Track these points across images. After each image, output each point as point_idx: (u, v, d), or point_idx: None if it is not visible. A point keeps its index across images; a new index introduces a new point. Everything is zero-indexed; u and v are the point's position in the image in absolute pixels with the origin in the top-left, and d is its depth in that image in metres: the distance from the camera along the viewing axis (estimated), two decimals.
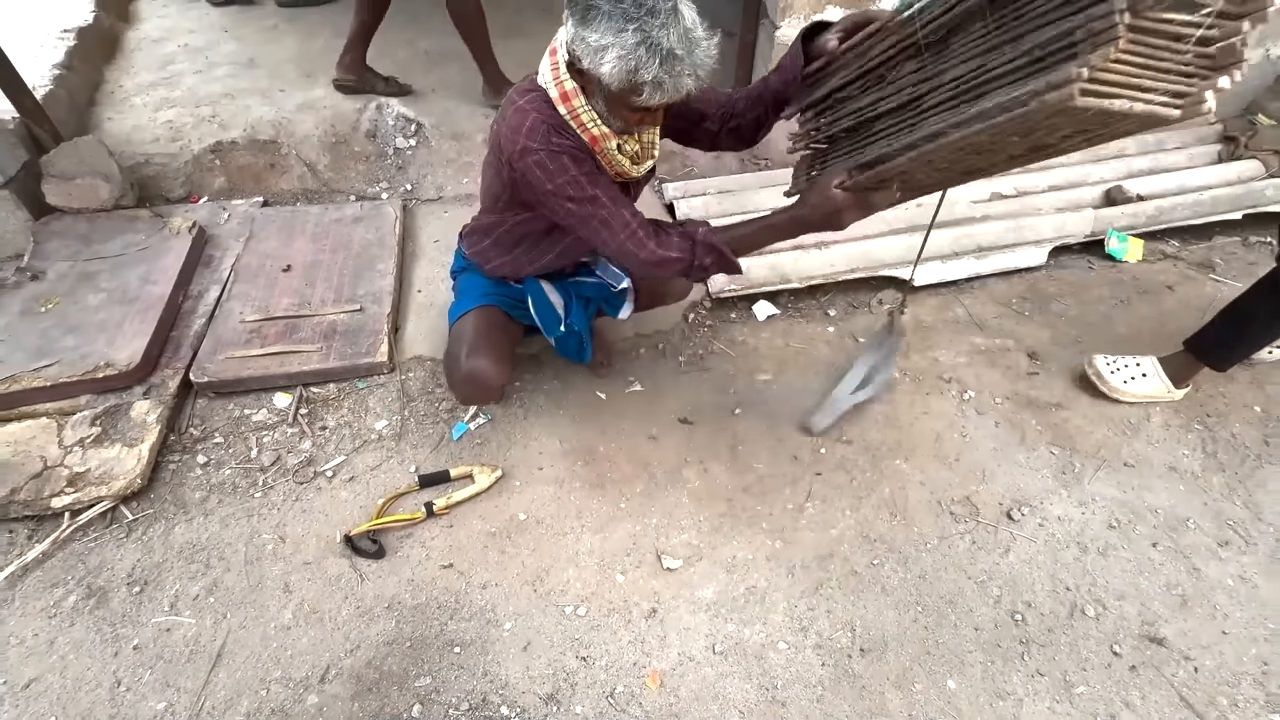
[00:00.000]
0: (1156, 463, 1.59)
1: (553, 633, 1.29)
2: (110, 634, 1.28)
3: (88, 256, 1.99)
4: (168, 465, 1.57)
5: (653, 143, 1.34)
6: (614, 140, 1.24)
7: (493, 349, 1.47)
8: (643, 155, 1.34)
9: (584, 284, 1.62)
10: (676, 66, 1.01)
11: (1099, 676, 1.24)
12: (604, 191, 1.24)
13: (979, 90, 0.94)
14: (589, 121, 1.20)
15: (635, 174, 1.34)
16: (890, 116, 1.08)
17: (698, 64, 1.04)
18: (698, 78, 1.06)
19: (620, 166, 1.29)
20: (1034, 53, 0.87)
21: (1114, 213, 2.35)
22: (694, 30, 1.03)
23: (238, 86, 2.70)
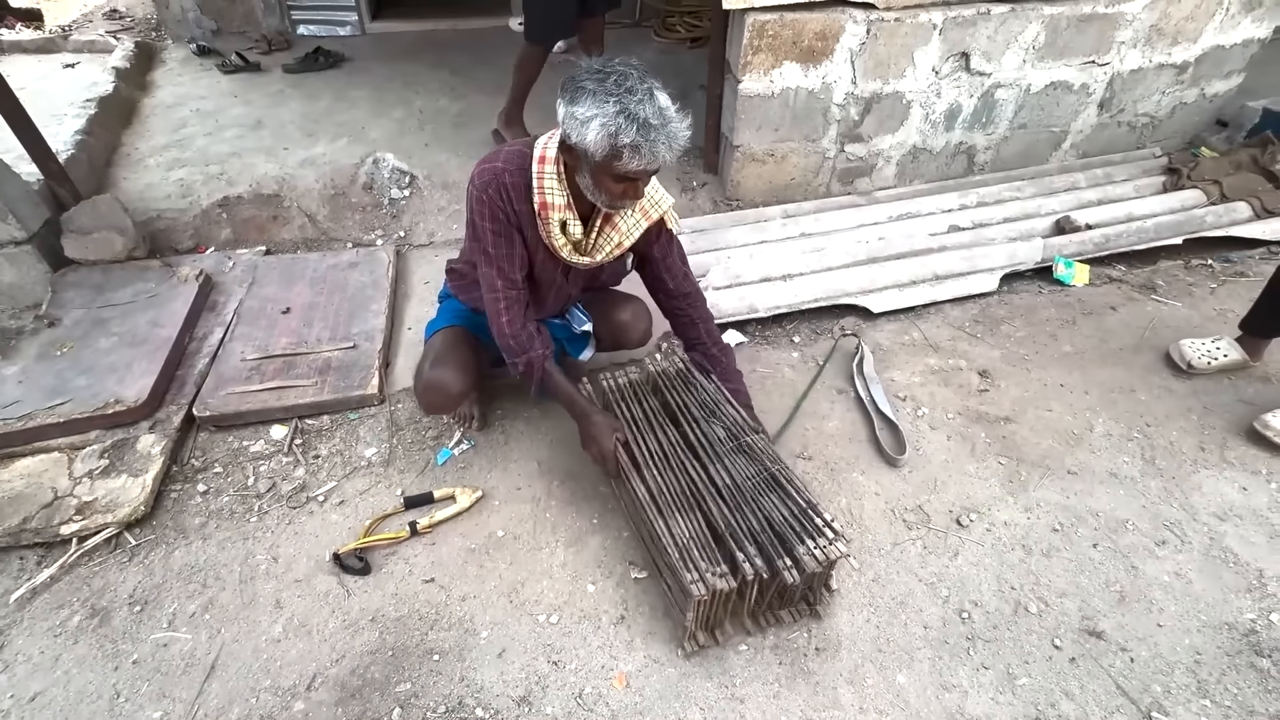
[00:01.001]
0: (1098, 470, 1.69)
1: (526, 640, 1.37)
2: (111, 650, 1.36)
3: (101, 304, 2.14)
4: (170, 494, 1.67)
5: (601, 248, 1.44)
6: (560, 214, 1.37)
7: (454, 361, 1.59)
8: (587, 249, 1.45)
9: (551, 324, 1.74)
10: (652, 134, 1.16)
11: (1040, 669, 1.31)
12: (497, 252, 1.42)
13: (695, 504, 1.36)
14: (547, 188, 1.35)
15: (566, 258, 1.44)
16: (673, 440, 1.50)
17: (672, 136, 1.19)
18: (672, 149, 1.20)
19: (555, 241, 1.41)
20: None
21: (1063, 240, 2.51)
22: (667, 110, 1.19)
23: (244, 146, 2.91)
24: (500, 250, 1.42)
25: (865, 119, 2.67)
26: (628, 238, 1.45)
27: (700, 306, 1.66)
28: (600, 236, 1.45)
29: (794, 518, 1.30)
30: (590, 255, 1.47)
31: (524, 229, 1.43)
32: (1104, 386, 1.92)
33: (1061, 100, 2.83)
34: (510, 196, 1.38)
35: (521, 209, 1.40)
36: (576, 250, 1.46)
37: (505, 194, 1.37)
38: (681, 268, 1.61)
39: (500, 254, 1.42)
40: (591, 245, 1.46)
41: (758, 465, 1.42)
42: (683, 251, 1.61)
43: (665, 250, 1.56)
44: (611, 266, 1.69)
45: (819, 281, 2.33)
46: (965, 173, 2.98)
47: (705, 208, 2.81)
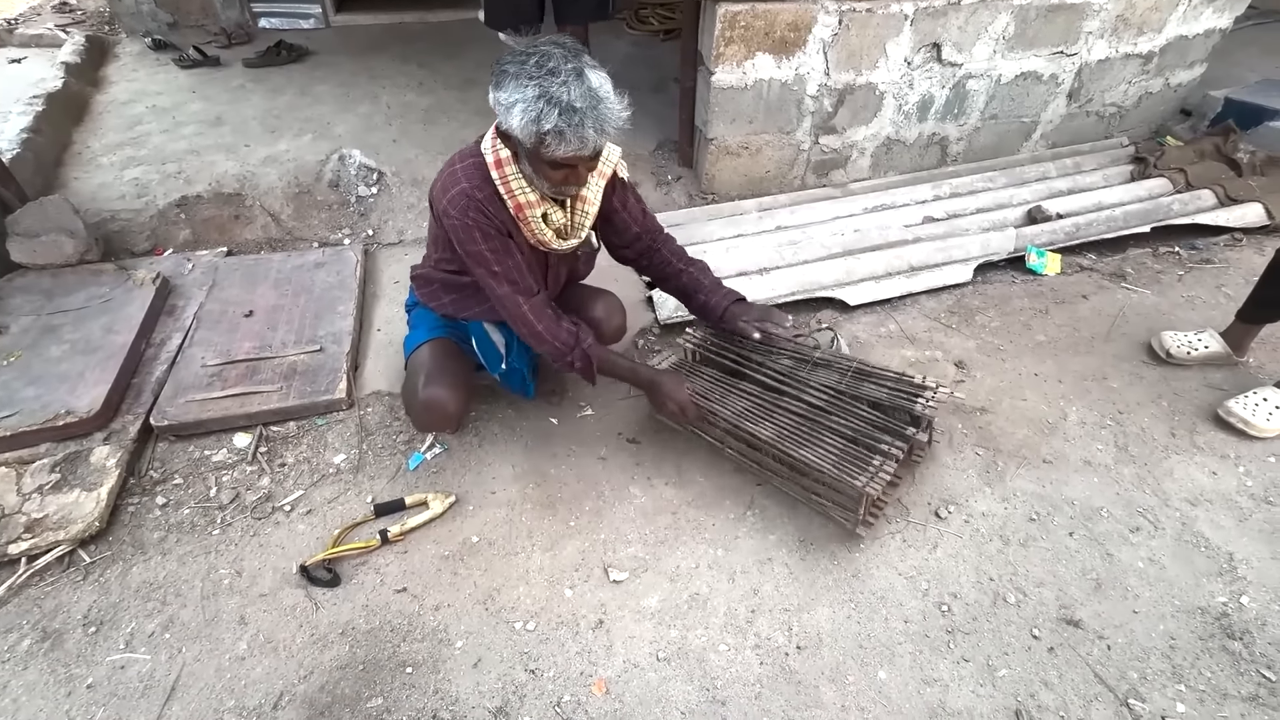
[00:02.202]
0: (1073, 458, 1.70)
1: (502, 648, 1.34)
2: (64, 674, 1.30)
3: (51, 310, 2.04)
4: (127, 508, 1.60)
5: (582, 224, 1.45)
6: (540, 209, 1.35)
7: (448, 377, 1.56)
8: (570, 231, 1.45)
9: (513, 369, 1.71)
10: (576, 118, 1.13)
11: (1020, 659, 1.31)
12: (504, 269, 1.39)
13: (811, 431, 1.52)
14: (516, 189, 1.32)
15: (557, 248, 1.44)
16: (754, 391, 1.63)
17: (602, 118, 1.15)
18: (603, 131, 1.17)
19: (543, 236, 1.40)
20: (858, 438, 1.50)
21: (1035, 230, 2.53)
22: (599, 90, 1.15)
23: (204, 143, 2.81)
24: (506, 264, 1.39)
25: (839, 110, 2.66)
26: (595, 205, 1.45)
27: (664, 237, 1.67)
28: (576, 213, 1.43)
29: (895, 391, 1.56)
30: (575, 235, 1.46)
31: (511, 237, 1.41)
32: (1077, 375, 1.94)
33: (1031, 90, 2.85)
34: (489, 212, 1.35)
35: (502, 218, 1.37)
36: (560, 236, 1.44)
37: (484, 211, 1.35)
38: (639, 207, 1.60)
39: (508, 267, 1.40)
40: (573, 226, 1.44)
41: (837, 370, 1.64)
42: (636, 193, 1.60)
43: (623, 198, 1.54)
44: (587, 256, 1.66)
45: (795, 275, 2.32)
46: (939, 164, 2.99)
47: (680, 202, 2.78)
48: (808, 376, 1.64)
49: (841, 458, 1.46)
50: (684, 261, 1.68)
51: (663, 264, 1.67)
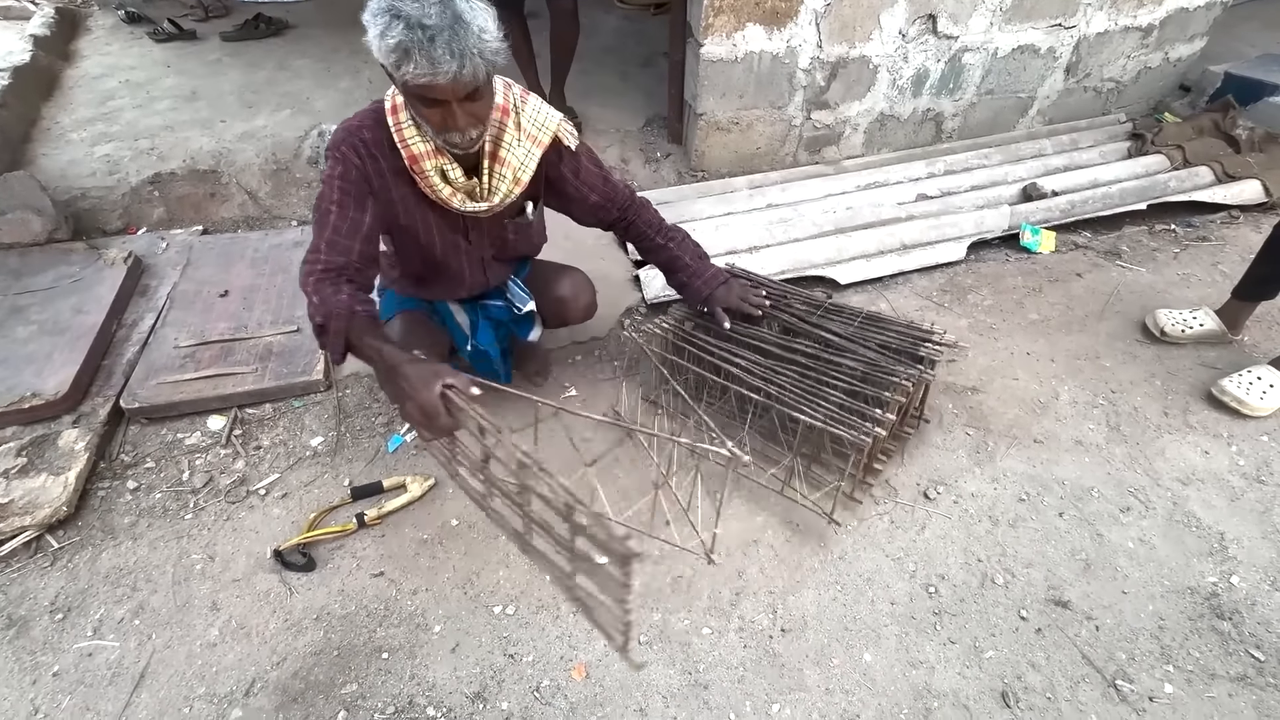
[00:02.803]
0: (1064, 438, 1.67)
1: (481, 633, 1.31)
2: (30, 662, 1.26)
3: (18, 290, 1.98)
4: (96, 492, 1.56)
5: (498, 189, 1.30)
6: (435, 161, 1.23)
7: (419, 346, 1.50)
8: (481, 195, 1.32)
9: (491, 306, 1.64)
10: (424, 35, 0.98)
11: (1007, 640, 1.29)
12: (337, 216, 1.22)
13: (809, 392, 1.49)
14: (410, 138, 1.22)
15: (460, 207, 1.31)
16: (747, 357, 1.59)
17: (461, 42, 1.01)
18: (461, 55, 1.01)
19: (441, 192, 1.28)
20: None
21: (1030, 208, 2.48)
22: (462, 13, 1.01)
23: (178, 119, 2.73)
24: (343, 214, 1.22)
25: (832, 85, 2.59)
26: (523, 171, 1.32)
27: (637, 207, 1.55)
28: (493, 175, 1.31)
29: (903, 336, 1.60)
30: (488, 199, 1.32)
31: (392, 190, 1.28)
32: (1069, 354, 1.90)
33: (1028, 65, 2.79)
34: (370, 154, 1.23)
35: (387, 167, 1.25)
36: (471, 197, 1.32)
37: (362, 150, 1.23)
38: (599, 174, 1.47)
39: (340, 217, 1.22)
40: (487, 189, 1.31)
41: (844, 318, 1.67)
42: (595, 158, 1.47)
43: (574, 167, 1.42)
44: (521, 228, 1.49)
45: (786, 253, 2.27)
46: (933, 140, 2.93)
47: (670, 179, 2.72)
48: (821, 321, 1.65)
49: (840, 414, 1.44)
50: (662, 235, 1.59)
51: (639, 237, 1.59)
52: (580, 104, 2.90)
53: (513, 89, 1.31)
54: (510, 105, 1.28)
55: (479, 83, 1.08)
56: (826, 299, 1.74)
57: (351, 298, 1.21)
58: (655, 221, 1.59)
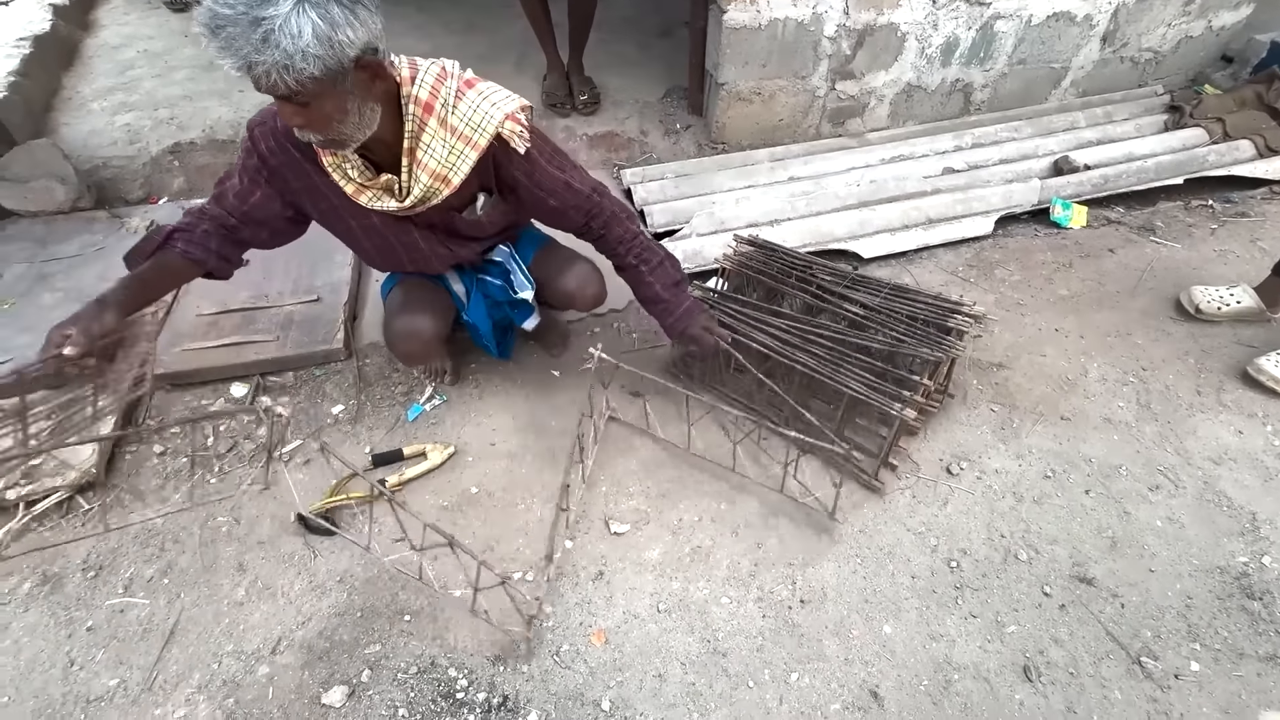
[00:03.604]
0: (1092, 415, 1.64)
1: (502, 597, 1.32)
2: (64, 617, 1.30)
3: (44, 258, 2.00)
4: (124, 456, 1.59)
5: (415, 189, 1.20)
6: (333, 157, 1.18)
7: (423, 306, 1.49)
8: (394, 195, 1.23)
9: (489, 283, 1.59)
10: (214, 21, 0.89)
11: (1030, 616, 1.28)
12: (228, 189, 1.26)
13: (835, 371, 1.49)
14: None
15: (365, 203, 1.23)
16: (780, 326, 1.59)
17: (249, 55, 0.89)
18: (260, 45, 0.89)
19: (345, 188, 1.21)
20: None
21: (1060, 181, 2.41)
22: (267, 21, 0.88)
23: (197, 89, 2.72)
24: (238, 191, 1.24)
25: (858, 53, 2.52)
26: (454, 173, 1.19)
27: (609, 217, 1.40)
28: (410, 177, 1.20)
29: (931, 307, 1.59)
30: (403, 198, 1.22)
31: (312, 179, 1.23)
32: (1100, 330, 1.86)
33: (1063, 33, 2.68)
34: (278, 142, 1.18)
35: (295, 156, 1.20)
36: (390, 194, 1.23)
37: (270, 138, 1.18)
38: (560, 178, 1.31)
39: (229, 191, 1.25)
40: (405, 189, 1.23)
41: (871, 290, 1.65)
42: (559, 160, 1.33)
43: (525, 169, 1.27)
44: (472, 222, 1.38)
45: (808, 226, 2.23)
46: (961, 113, 2.85)
47: (690, 151, 2.67)
48: (847, 296, 1.64)
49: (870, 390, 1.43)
50: (635, 254, 1.43)
51: (610, 253, 1.46)
52: (599, 75, 2.85)
53: (447, 81, 1.16)
54: (439, 100, 1.15)
55: (288, 92, 0.95)
56: (853, 270, 1.71)
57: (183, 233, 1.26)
58: (628, 237, 1.43)
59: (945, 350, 1.48)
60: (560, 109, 2.71)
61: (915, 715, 1.15)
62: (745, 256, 1.77)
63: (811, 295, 1.65)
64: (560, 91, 2.70)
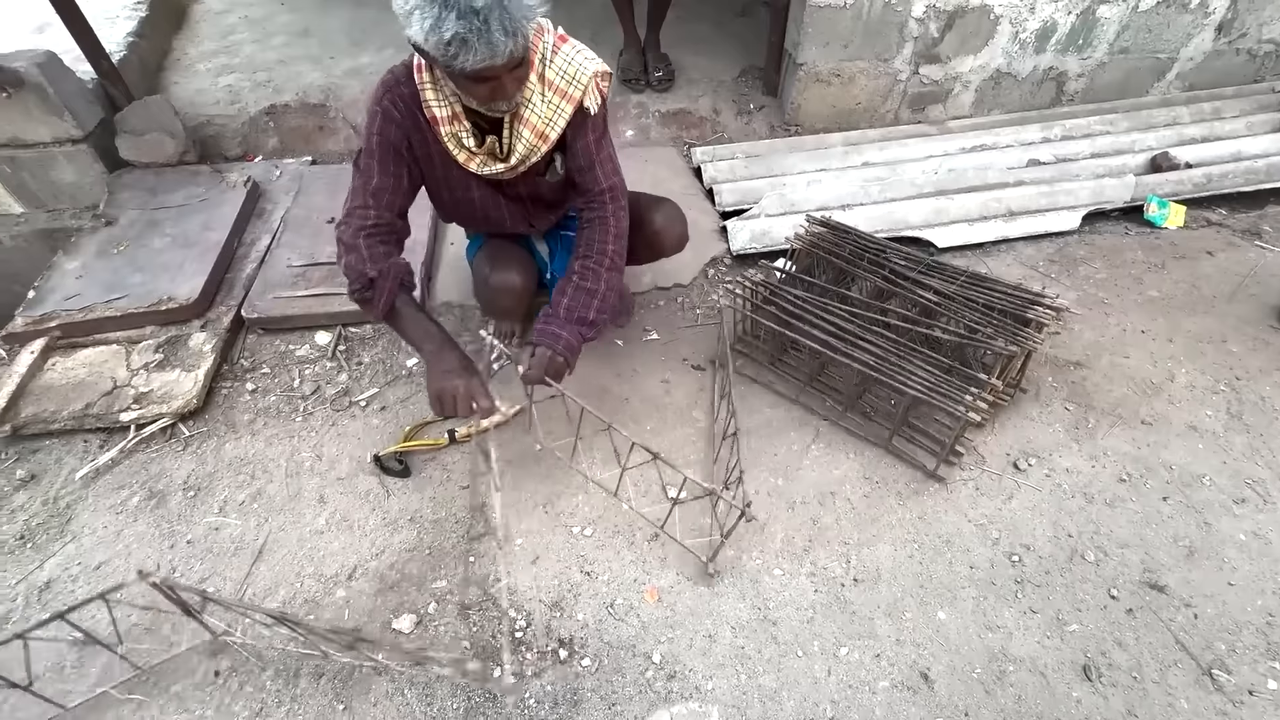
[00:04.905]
0: (1176, 421, 1.56)
1: (560, 549, 1.38)
2: (167, 530, 1.43)
3: (155, 206, 2.16)
4: (220, 390, 1.72)
5: (519, 148, 1.25)
6: (448, 128, 1.22)
7: (513, 263, 1.55)
8: (498, 157, 1.27)
9: (568, 237, 1.65)
10: (478, 21, 0.94)
11: (1093, 617, 1.25)
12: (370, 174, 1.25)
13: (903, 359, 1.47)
14: (431, 99, 1.20)
15: (478, 170, 1.28)
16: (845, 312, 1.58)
17: (511, 18, 0.96)
18: (515, 33, 0.98)
19: (457, 155, 1.26)
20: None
21: (1158, 179, 2.28)
22: None
23: (292, 54, 2.86)
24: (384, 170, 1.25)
25: (945, 36, 2.43)
26: (551, 128, 1.23)
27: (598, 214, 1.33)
28: (513, 134, 1.24)
29: (1009, 298, 1.53)
30: (506, 160, 1.27)
31: (428, 145, 1.27)
32: (1191, 336, 1.76)
33: (1174, 21, 2.52)
34: (405, 109, 1.22)
35: (422, 121, 1.24)
36: (493, 157, 1.28)
37: (399, 106, 1.22)
38: (589, 153, 1.29)
39: (383, 173, 1.25)
40: (508, 149, 1.27)
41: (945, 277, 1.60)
42: (603, 137, 1.32)
43: (575, 132, 1.28)
44: (555, 185, 1.41)
45: (880, 212, 2.19)
46: (1052, 103, 2.72)
47: (761, 132, 2.64)
48: (920, 281, 1.59)
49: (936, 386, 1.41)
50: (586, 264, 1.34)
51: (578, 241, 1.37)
52: (675, 52, 2.85)
53: (544, 36, 1.20)
54: (538, 55, 1.19)
55: (520, 59, 1.05)
56: (930, 256, 1.68)
57: (403, 265, 1.29)
58: (599, 247, 1.34)
59: (1021, 343, 1.44)
60: (634, 85, 2.72)
61: (966, 700, 1.15)
62: (817, 237, 1.75)
63: (883, 279, 1.62)
64: (635, 67, 2.71)
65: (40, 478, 1.52)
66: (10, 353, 1.76)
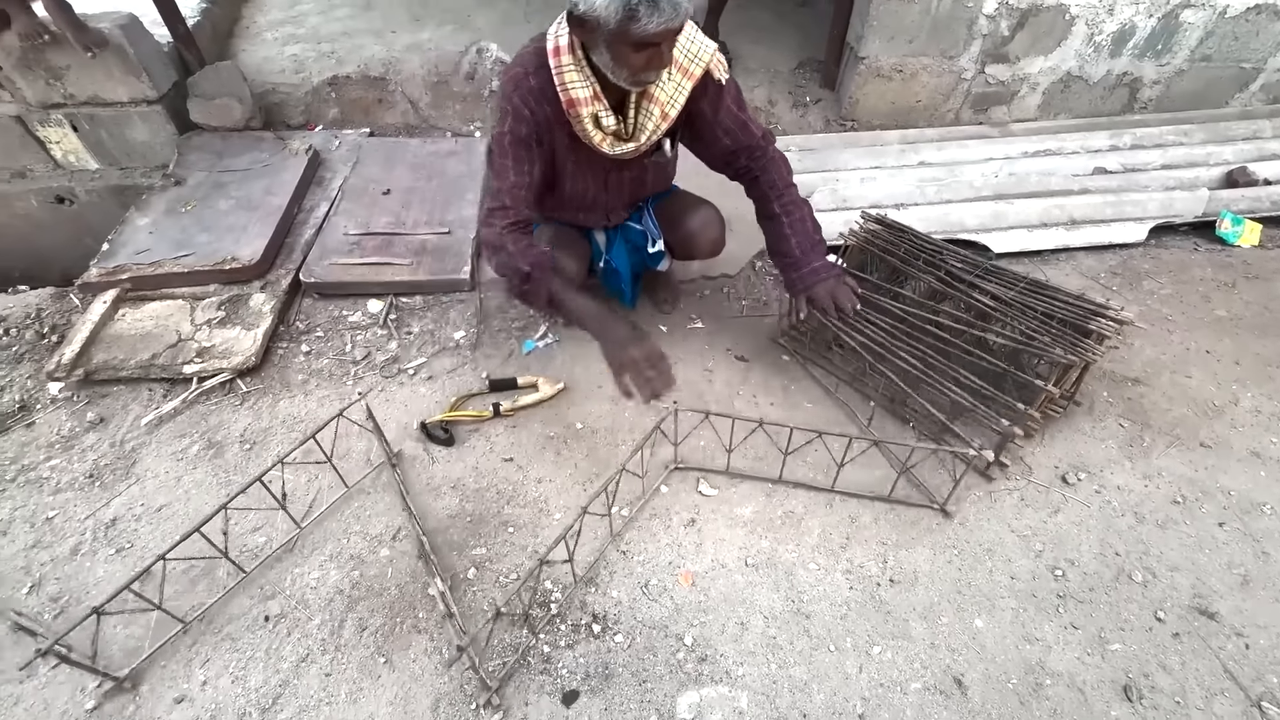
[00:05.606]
0: (1238, 446, 1.51)
1: (597, 526, 1.39)
2: (224, 479, 1.49)
3: (221, 169, 2.24)
4: (276, 350, 1.78)
5: (644, 126, 1.30)
6: (590, 108, 1.24)
7: (575, 247, 1.58)
8: (628, 135, 1.31)
9: (631, 229, 1.67)
10: None
11: (1137, 638, 1.22)
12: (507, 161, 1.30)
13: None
14: (570, 82, 1.22)
15: (610, 151, 1.32)
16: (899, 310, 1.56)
17: None
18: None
19: (594, 137, 1.29)
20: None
21: (1233, 194, 2.18)
22: None
23: (355, 27, 2.91)
24: (520, 168, 1.30)
25: (1016, 35, 2.36)
26: (672, 106, 1.28)
27: (768, 162, 1.44)
28: (641, 114, 1.29)
29: (1071, 307, 1.48)
30: (635, 140, 1.33)
31: (553, 135, 1.31)
32: (1260, 359, 1.69)
33: (1263, 29, 2.40)
34: (537, 99, 1.25)
35: (549, 111, 1.27)
36: (619, 139, 1.32)
37: (530, 99, 1.25)
38: (738, 118, 1.38)
39: (519, 171, 1.31)
40: (634, 127, 1.31)
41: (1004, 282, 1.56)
42: (739, 97, 1.39)
43: (716, 103, 1.35)
44: (659, 166, 1.49)
45: (936, 213, 2.14)
46: (1123, 110, 2.62)
47: (816, 126, 2.61)
48: (978, 283, 1.55)
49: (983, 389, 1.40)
50: (781, 202, 1.46)
51: (760, 197, 1.48)
52: (732, 40, 2.82)
53: None
54: None
55: (679, 28, 1.10)
56: (989, 259, 1.64)
57: (548, 254, 1.34)
58: (780, 183, 1.46)
59: (1081, 353, 1.40)
60: None
61: (1000, 709, 1.13)
62: (872, 234, 1.73)
63: (939, 279, 1.59)
64: None
65: (108, 421, 1.60)
66: (84, 302, 1.85)
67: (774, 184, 1.46)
